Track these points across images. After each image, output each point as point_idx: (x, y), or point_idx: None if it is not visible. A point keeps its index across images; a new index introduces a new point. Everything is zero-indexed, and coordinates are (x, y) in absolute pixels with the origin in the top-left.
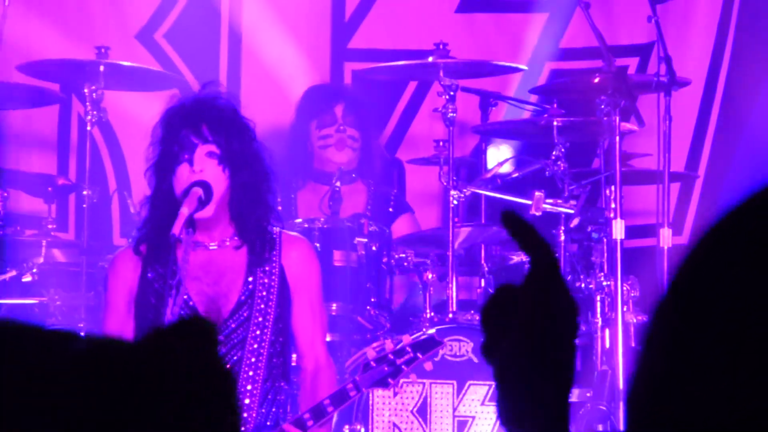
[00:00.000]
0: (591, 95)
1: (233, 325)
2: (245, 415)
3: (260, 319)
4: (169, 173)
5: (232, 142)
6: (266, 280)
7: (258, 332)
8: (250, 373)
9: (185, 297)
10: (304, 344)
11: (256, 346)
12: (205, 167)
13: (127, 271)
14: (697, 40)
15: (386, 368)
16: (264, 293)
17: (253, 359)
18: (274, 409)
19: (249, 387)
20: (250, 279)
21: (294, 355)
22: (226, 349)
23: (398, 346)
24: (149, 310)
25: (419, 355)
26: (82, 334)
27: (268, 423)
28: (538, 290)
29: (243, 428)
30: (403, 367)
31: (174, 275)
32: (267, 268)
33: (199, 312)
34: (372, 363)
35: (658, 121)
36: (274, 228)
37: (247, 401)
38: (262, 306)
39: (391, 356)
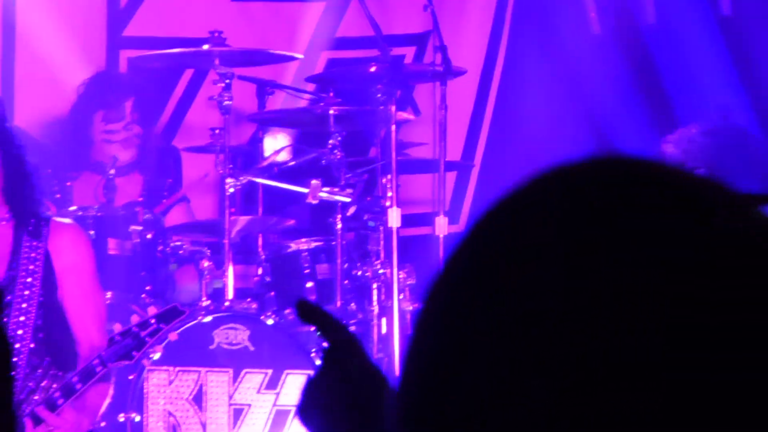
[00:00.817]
0: (367, 84)
1: None
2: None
3: (24, 305)
4: None
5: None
6: (31, 266)
7: (22, 318)
8: (14, 360)
9: None
10: (78, 330)
11: (21, 332)
12: None
13: None
14: (474, 29)
15: (130, 341)
16: (29, 279)
17: (17, 345)
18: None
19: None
20: (13, 264)
21: None
22: None
23: (142, 319)
24: None
25: (162, 325)
26: None
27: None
28: (340, 369)
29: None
30: (147, 338)
31: None
32: (33, 255)
33: None
34: (117, 337)
35: (434, 110)
36: (47, 214)
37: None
38: (27, 292)
39: (135, 329)
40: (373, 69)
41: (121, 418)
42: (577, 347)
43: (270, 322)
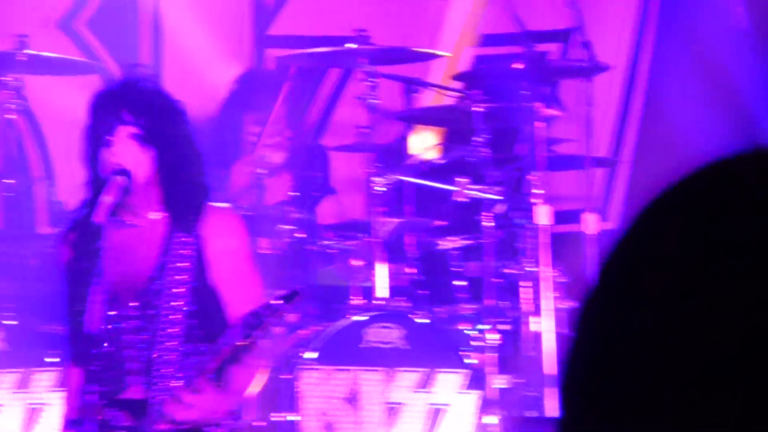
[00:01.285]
0: (513, 81)
1: (145, 300)
2: (161, 385)
3: (175, 290)
4: (94, 159)
5: (155, 123)
6: (183, 252)
7: (173, 303)
8: (167, 344)
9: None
10: (234, 314)
11: (171, 317)
12: (125, 149)
13: (63, 255)
14: (618, 24)
15: (251, 320)
16: (180, 264)
17: (169, 330)
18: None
19: (166, 357)
20: (165, 253)
21: None
22: (143, 323)
23: (266, 302)
24: (72, 294)
25: (283, 306)
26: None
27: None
28: None
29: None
30: (266, 319)
31: (95, 263)
32: (185, 240)
33: (117, 294)
34: (240, 319)
35: (580, 107)
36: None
37: (163, 371)
38: (177, 277)
39: (258, 310)
40: (519, 66)
41: (277, 417)
42: (693, 357)
43: (422, 320)
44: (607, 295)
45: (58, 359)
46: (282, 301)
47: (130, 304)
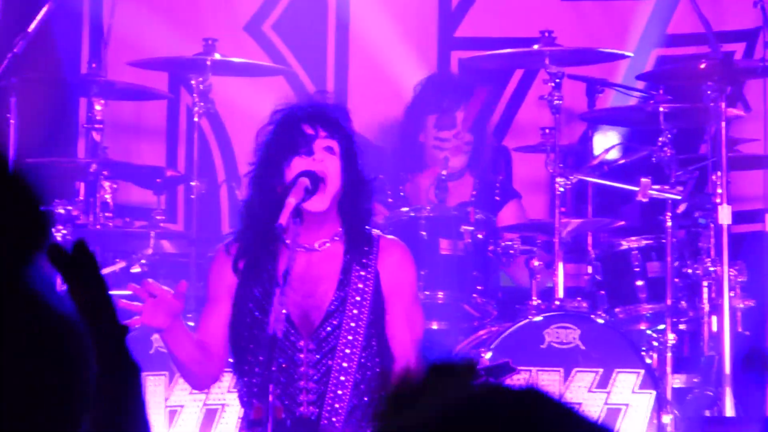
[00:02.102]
0: (697, 81)
1: (324, 334)
2: (333, 419)
3: (353, 324)
4: (283, 165)
5: (348, 140)
6: (361, 285)
7: (350, 338)
8: (341, 378)
9: (284, 311)
10: (396, 349)
11: (348, 351)
12: (324, 158)
13: (226, 266)
14: None
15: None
16: (358, 298)
17: (345, 364)
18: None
19: (339, 392)
20: (343, 286)
21: None
22: (318, 356)
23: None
24: (246, 315)
25: (491, 380)
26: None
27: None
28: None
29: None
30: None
31: (273, 279)
32: (363, 273)
33: (294, 324)
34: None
35: (765, 106)
36: (373, 231)
37: (336, 405)
38: (355, 311)
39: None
40: (703, 66)
41: None
42: None
43: (601, 321)
44: None
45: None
46: (489, 374)
47: (307, 338)
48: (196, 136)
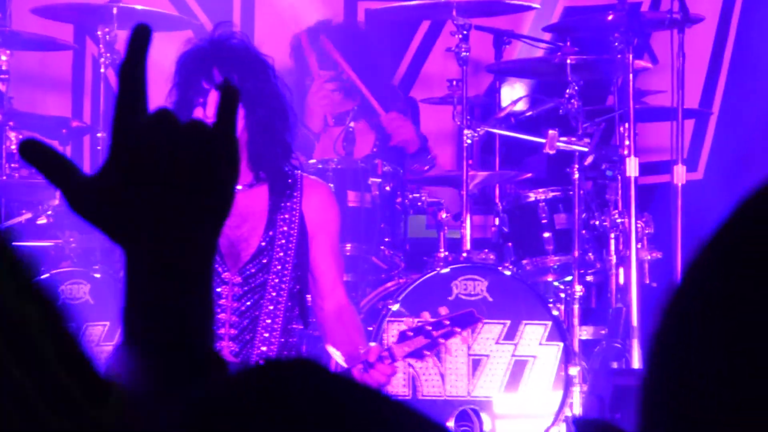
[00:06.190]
0: (604, 33)
1: (252, 270)
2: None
3: (279, 267)
4: (190, 117)
5: (246, 80)
6: (286, 228)
7: (276, 280)
8: (268, 321)
9: None
10: (325, 287)
11: (274, 294)
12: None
13: None
14: None
15: (423, 339)
16: (283, 241)
17: (271, 307)
18: (286, 353)
19: (266, 335)
20: (271, 226)
21: (308, 296)
22: (244, 292)
23: (437, 320)
24: None
25: (456, 329)
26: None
27: None
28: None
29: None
30: (440, 339)
31: None
32: (287, 216)
33: (221, 255)
34: (408, 332)
35: (672, 58)
36: (296, 171)
37: (263, 348)
38: (281, 254)
39: (428, 328)
40: (610, 17)
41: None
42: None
43: (508, 273)
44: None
45: None
46: (454, 323)
47: (234, 272)
48: (102, 87)
